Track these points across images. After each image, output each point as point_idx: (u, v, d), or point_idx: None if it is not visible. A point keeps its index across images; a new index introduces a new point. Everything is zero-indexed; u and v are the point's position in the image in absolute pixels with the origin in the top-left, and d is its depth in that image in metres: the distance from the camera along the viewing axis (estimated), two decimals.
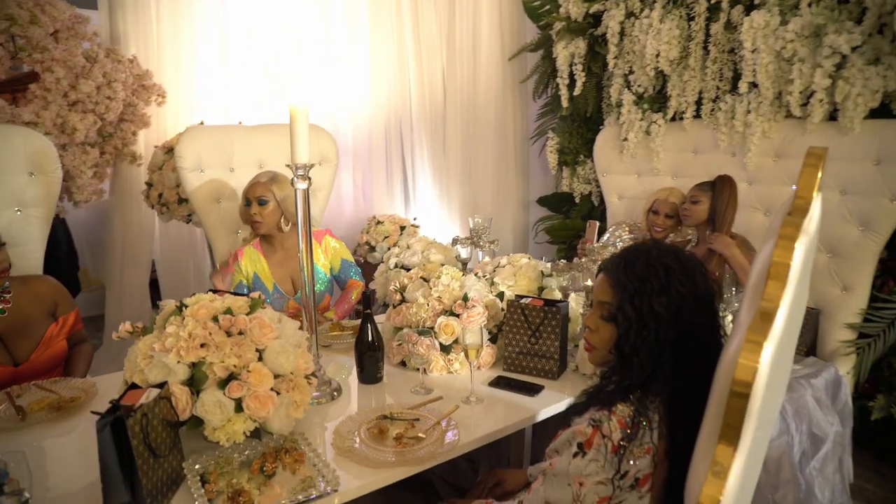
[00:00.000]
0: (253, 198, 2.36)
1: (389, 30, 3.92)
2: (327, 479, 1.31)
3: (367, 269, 3.82)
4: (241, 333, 1.43)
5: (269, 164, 2.73)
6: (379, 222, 3.99)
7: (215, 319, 1.43)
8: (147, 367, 1.37)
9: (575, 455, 1.15)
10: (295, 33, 3.78)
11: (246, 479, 1.33)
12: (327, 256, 2.54)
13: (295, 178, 1.62)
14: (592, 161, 3.50)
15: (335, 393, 1.76)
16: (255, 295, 1.59)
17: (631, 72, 3.20)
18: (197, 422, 1.38)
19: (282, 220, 2.37)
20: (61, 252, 4.05)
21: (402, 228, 3.96)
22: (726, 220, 2.45)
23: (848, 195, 2.51)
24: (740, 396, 0.80)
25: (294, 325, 1.57)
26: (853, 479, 2.23)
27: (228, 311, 1.46)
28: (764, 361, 0.80)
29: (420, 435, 1.51)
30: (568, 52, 3.37)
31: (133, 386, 1.30)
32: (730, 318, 1.88)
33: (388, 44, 3.95)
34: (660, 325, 1.15)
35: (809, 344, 2.51)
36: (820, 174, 0.89)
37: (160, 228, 3.69)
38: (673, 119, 3.10)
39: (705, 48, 2.88)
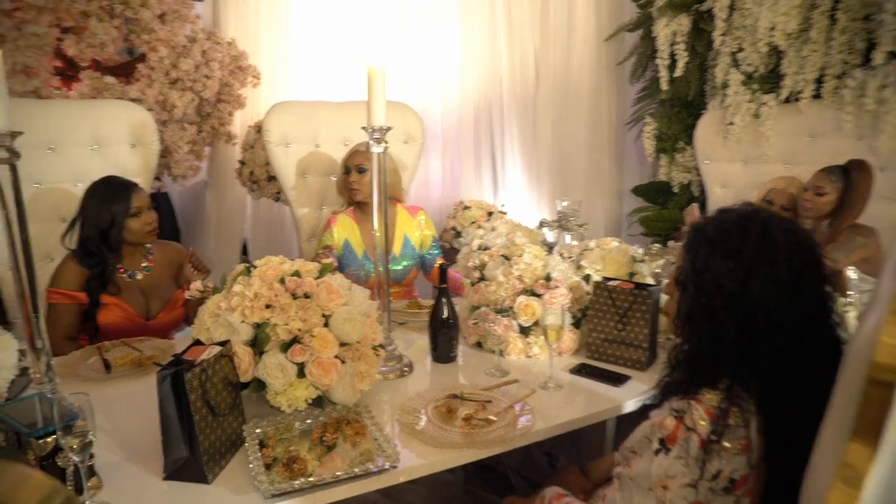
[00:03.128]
0: (353, 166, 2.40)
1: (480, 9, 3.82)
2: (387, 454, 1.23)
3: (453, 255, 3.74)
4: (307, 297, 1.38)
5: (354, 139, 2.72)
6: (466, 207, 3.90)
7: (282, 281, 1.38)
8: (213, 326, 1.35)
9: (657, 452, 0.99)
10: (386, 15, 3.76)
11: (306, 449, 1.28)
12: (421, 232, 2.52)
13: (370, 142, 1.56)
14: (693, 148, 3.26)
15: (405, 369, 1.69)
16: (327, 261, 1.54)
17: (740, 49, 2.93)
18: (260, 385, 1.34)
19: None
20: (164, 230, 4.25)
21: (490, 214, 3.86)
22: (854, 214, 2.15)
23: None
24: (883, 385, 0.64)
25: (364, 294, 1.50)
26: None
27: (296, 274, 1.41)
28: None
29: (491, 417, 1.40)
30: (669, 31, 3.15)
31: (197, 342, 1.28)
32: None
33: (480, 24, 3.85)
34: (720, 294, 0.99)
35: None
36: None
37: (251, 207, 3.78)
38: (787, 100, 2.81)
39: (831, 17, 2.57)
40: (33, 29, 2.76)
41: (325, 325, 1.37)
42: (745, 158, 3.01)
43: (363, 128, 1.57)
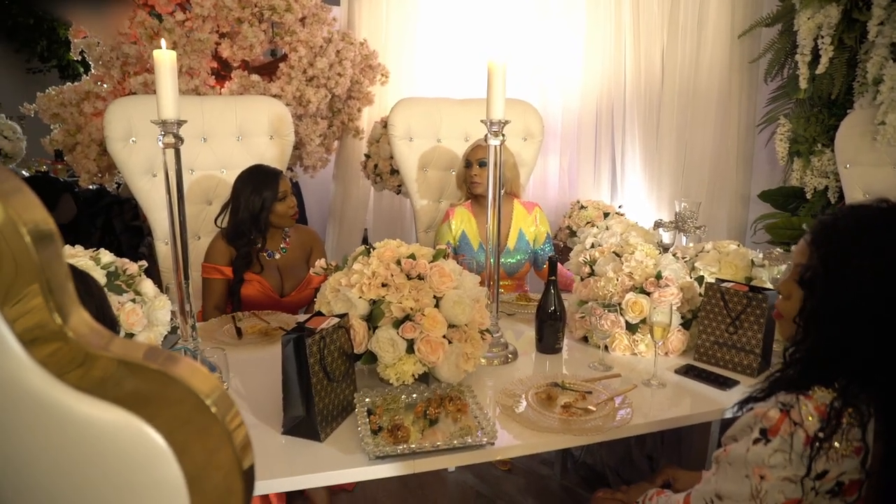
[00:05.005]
0: (475, 160, 2.49)
1: (606, 6, 3.77)
2: (486, 431, 1.29)
3: (566, 254, 3.73)
4: (420, 278, 1.47)
5: (474, 135, 2.79)
6: (583, 207, 3.87)
7: (398, 262, 1.48)
8: (333, 300, 1.47)
9: (756, 441, 0.96)
10: (510, 12, 3.81)
11: (410, 420, 1.36)
12: (536, 228, 2.58)
13: (488, 135, 1.63)
14: (832, 151, 3.02)
15: (510, 356, 1.74)
16: (441, 245, 1.62)
17: None
18: (371, 357, 1.45)
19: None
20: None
21: (606, 215, 3.80)
22: None
23: None
24: None
25: (474, 280, 1.57)
26: None
27: (412, 257, 1.51)
28: None
29: (590, 407, 1.42)
30: (814, 23, 2.94)
31: (319, 313, 1.41)
32: None
33: (605, 22, 3.80)
34: (860, 294, 0.93)
35: None
36: None
37: (374, 198, 3.99)
38: None
39: None
40: (198, 35, 3.11)
41: (436, 306, 1.46)
42: None
43: (482, 121, 1.64)
